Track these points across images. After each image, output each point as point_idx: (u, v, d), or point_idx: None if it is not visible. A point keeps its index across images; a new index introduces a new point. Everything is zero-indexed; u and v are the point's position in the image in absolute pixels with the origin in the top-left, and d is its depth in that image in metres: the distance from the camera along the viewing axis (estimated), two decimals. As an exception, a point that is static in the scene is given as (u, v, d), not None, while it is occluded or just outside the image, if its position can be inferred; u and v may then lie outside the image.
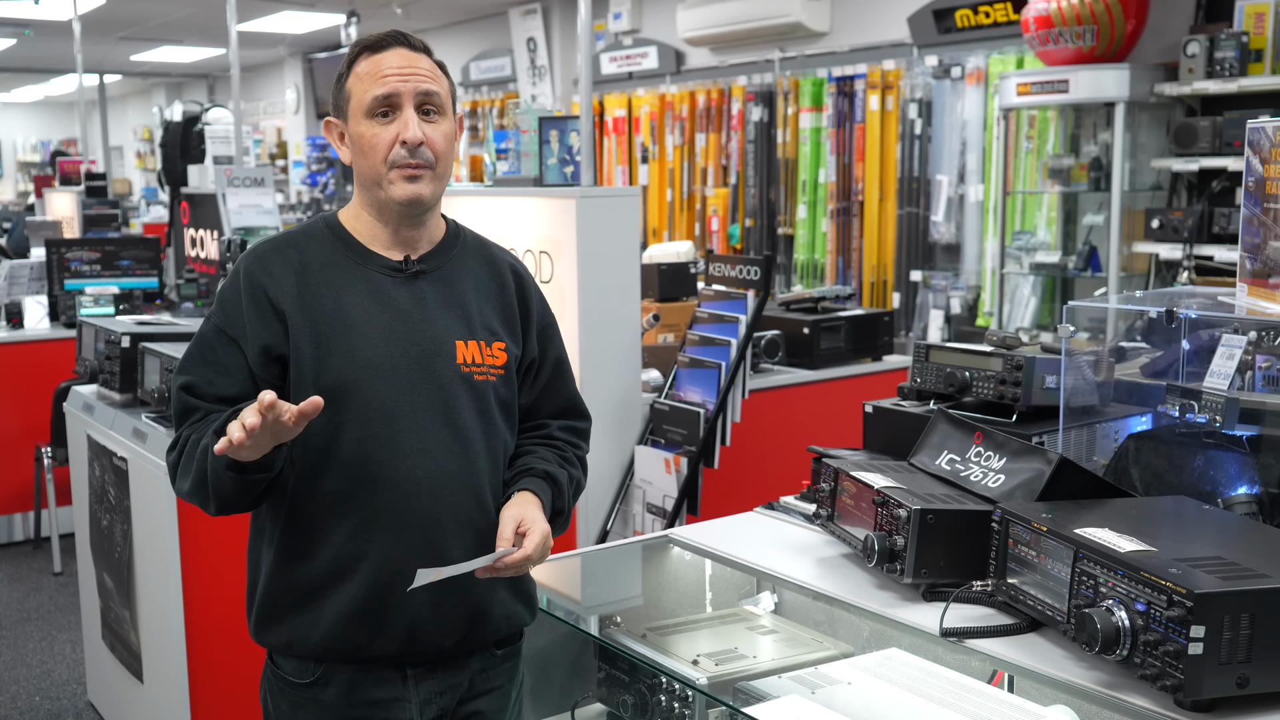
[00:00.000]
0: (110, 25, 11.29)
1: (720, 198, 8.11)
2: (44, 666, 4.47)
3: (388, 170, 1.89)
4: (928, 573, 1.92)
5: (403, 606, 1.87)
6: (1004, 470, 2.04)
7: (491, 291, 2.02)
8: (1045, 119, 5.84)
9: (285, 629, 1.92)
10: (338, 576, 1.88)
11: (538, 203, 3.82)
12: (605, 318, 3.73)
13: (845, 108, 7.15)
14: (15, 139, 21.70)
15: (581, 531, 3.74)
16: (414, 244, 1.97)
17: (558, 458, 2.04)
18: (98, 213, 8.54)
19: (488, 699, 2.00)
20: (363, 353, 1.88)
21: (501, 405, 1.98)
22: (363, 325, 1.90)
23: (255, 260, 1.95)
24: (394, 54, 1.93)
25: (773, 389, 4.01)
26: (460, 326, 1.95)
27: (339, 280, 1.93)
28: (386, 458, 1.87)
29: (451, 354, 1.93)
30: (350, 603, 1.87)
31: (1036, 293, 5.83)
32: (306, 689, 1.92)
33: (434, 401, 1.90)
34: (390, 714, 1.92)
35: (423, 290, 1.95)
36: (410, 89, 1.89)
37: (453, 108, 1.97)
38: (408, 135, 1.87)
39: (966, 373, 2.47)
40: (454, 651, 1.94)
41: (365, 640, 1.88)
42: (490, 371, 1.96)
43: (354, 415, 1.87)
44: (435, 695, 1.94)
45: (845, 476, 2.16)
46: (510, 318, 2.02)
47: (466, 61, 11.18)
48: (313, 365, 1.87)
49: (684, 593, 2.42)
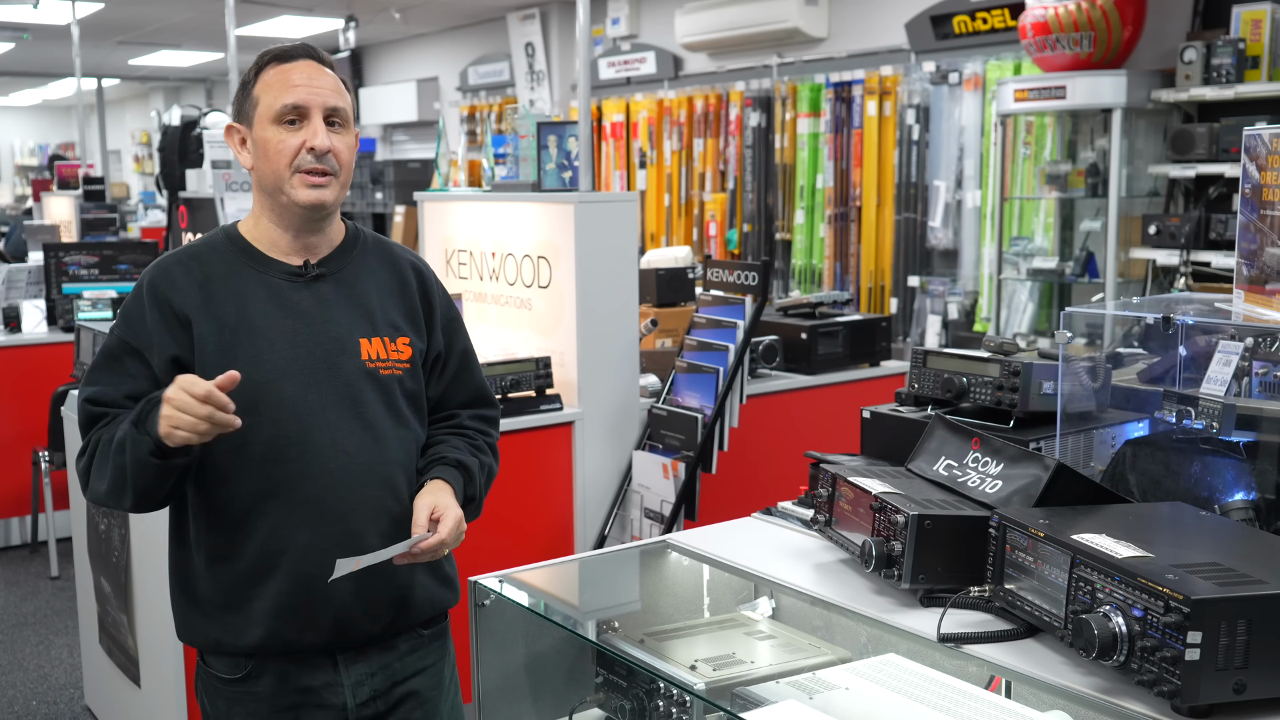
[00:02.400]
0: (108, 29, 11.29)
1: (718, 203, 8.11)
2: (41, 671, 4.46)
3: (291, 175, 1.97)
4: (925, 578, 1.92)
5: (328, 598, 1.95)
6: (1001, 476, 2.05)
7: (394, 289, 2.11)
8: (1043, 125, 5.85)
9: (214, 629, 1.99)
10: (262, 573, 1.96)
11: (536, 208, 3.82)
12: (603, 323, 3.74)
13: (843, 113, 7.16)
14: (13, 143, 21.69)
15: (579, 536, 3.74)
16: (314, 249, 2.06)
17: (469, 446, 2.13)
18: (95, 217, 8.55)
19: (421, 678, 2.11)
20: (268, 356, 1.97)
21: (409, 398, 2.07)
22: (267, 330, 1.98)
23: (159, 273, 2.02)
24: (304, 66, 2.01)
25: (770, 394, 4.01)
26: (363, 324, 2.04)
27: (241, 288, 2.00)
28: (300, 454, 1.95)
29: (356, 351, 2.02)
30: (277, 598, 1.95)
31: (1034, 298, 5.83)
32: (239, 684, 2.01)
33: (342, 397, 1.99)
34: (323, 699, 2.01)
35: (324, 292, 2.04)
36: (319, 101, 1.98)
37: (354, 120, 2.08)
38: (316, 142, 1.96)
39: (964, 379, 2.48)
40: (381, 635, 2.04)
41: (295, 634, 1.97)
42: (395, 366, 2.05)
43: (265, 417, 1.94)
44: (367, 677, 2.04)
45: (842, 482, 2.16)
46: (413, 313, 2.11)
47: (465, 66, 11.18)
48: (220, 371, 1.88)
49: (682, 598, 2.42)
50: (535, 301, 3.86)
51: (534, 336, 3.88)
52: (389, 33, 11.91)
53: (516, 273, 3.94)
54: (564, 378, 3.75)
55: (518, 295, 3.95)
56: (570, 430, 3.71)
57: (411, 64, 12.29)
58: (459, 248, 4.24)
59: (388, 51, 12.73)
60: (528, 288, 3.89)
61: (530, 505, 3.67)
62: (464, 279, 4.22)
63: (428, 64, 12.00)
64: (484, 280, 4.11)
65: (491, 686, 2.19)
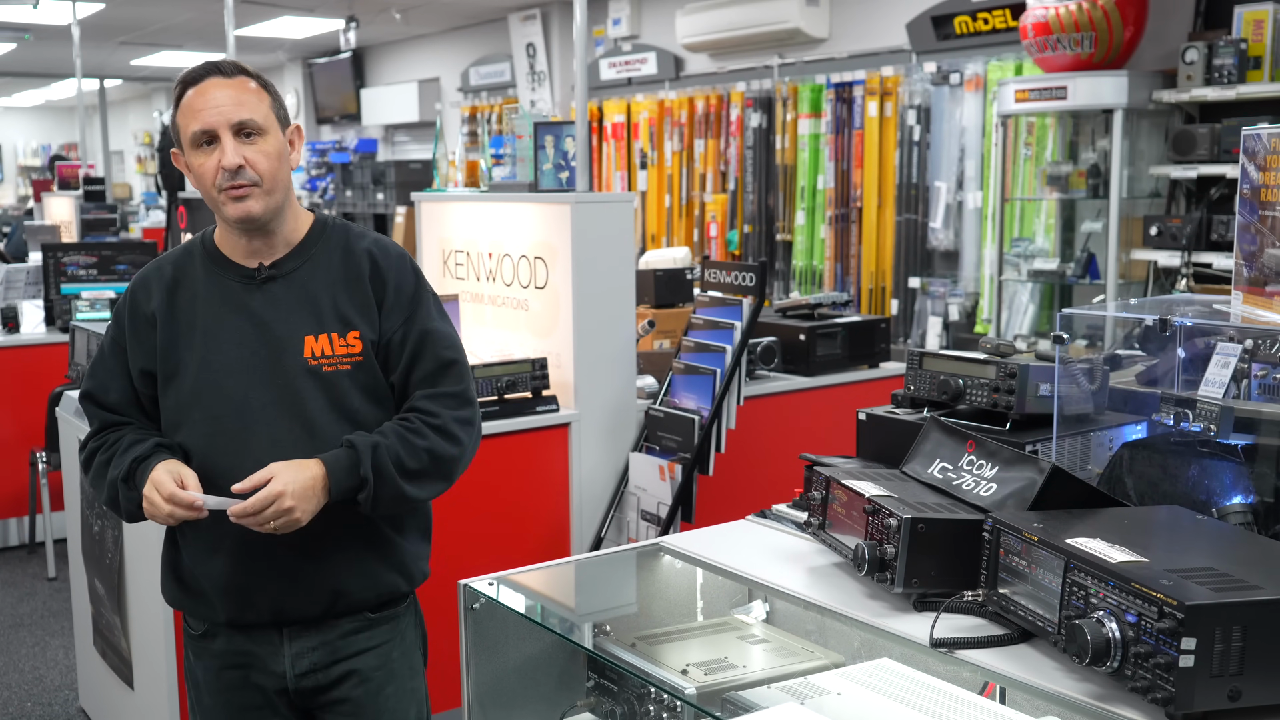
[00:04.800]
0: (110, 30, 11.28)
1: (719, 204, 8.09)
2: (36, 672, 4.45)
3: (218, 194, 2.07)
4: (918, 582, 1.90)
5: (264, 585, 2.13)
6: (996, 479, 2.02)
7: (346, 281, 2.17)
8: (1044, 126, 5.83)
9: (180, 594, 2.23)
10: (209, 555, 2.14)
11: (532, 208, 3.81)
12: (600, 324, 3.72)
13: (844, 114, 7.14)
14: (16, 143, 21.71)
15: (575, 538, 3.72)
16: (269, 250, 2.16)
17: (395, 426, 2.14)
18: (96, 217, 8.54)
19: (364, 658, 2.20)
20: (215, 355, 2.11)
21: (362, 390, 2.15)
22: (216, 330, 2.12)
23: (138, 281, 2.21)
24: (208, 86, 2.08)
25: (768, 396, 3.99)
26: (310, 322, 2.13)
27: (201, 291, 2.15)
28: (238, 448, 2.09)
29: (299, 350, 2.12)
30: (219, 579, 2.14)
31: (1035, 299, 5.81)
32: (200, 639, 2.23)
33: (282, 397, 2.11)
34: (265, 665, 2.17)
35: (275, 293, 2.14)
36: (222, 119, 2.05)
37: (280, 121, 2.13)
38: (224, 162, 2.04)
39: (960, 380, 2.46)
40: (322, 617, 2.17)
41: (237, 612, 2.15)
42: (341, 361, 2.13)
43: (209, 413, 2.11)
44: (307, 650, 2.17)
45: (836, 485, 2.14)
46: (365, 303, 2.17)
47: (466, 67, 11.17)
48: (173, 369, 2.13)
49: (675, 601, 2.40)
50: (532, 302, 3.85)
51: (531, 337, 3.86)
52: (390, 33, 11.90)
53: (513, 273, 3.92)
54: (560, 379, 3.73)
55: (514, 296, 3.93)
56: (567, 432, 3.69)
57: (413, 64, 12.28)
58: (456, 248, 4.23)
59: (389, 52, 12.73)
60: (524, 288, 3.88)
61: (526, 507, 3.65)
62: (461, 279, 4.20)
63: (429, 64, 11.99)
64: (481, 281, 4.09)
65: (482, 690, 2.18)
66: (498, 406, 3.58)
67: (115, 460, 2.12)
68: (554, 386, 3.72)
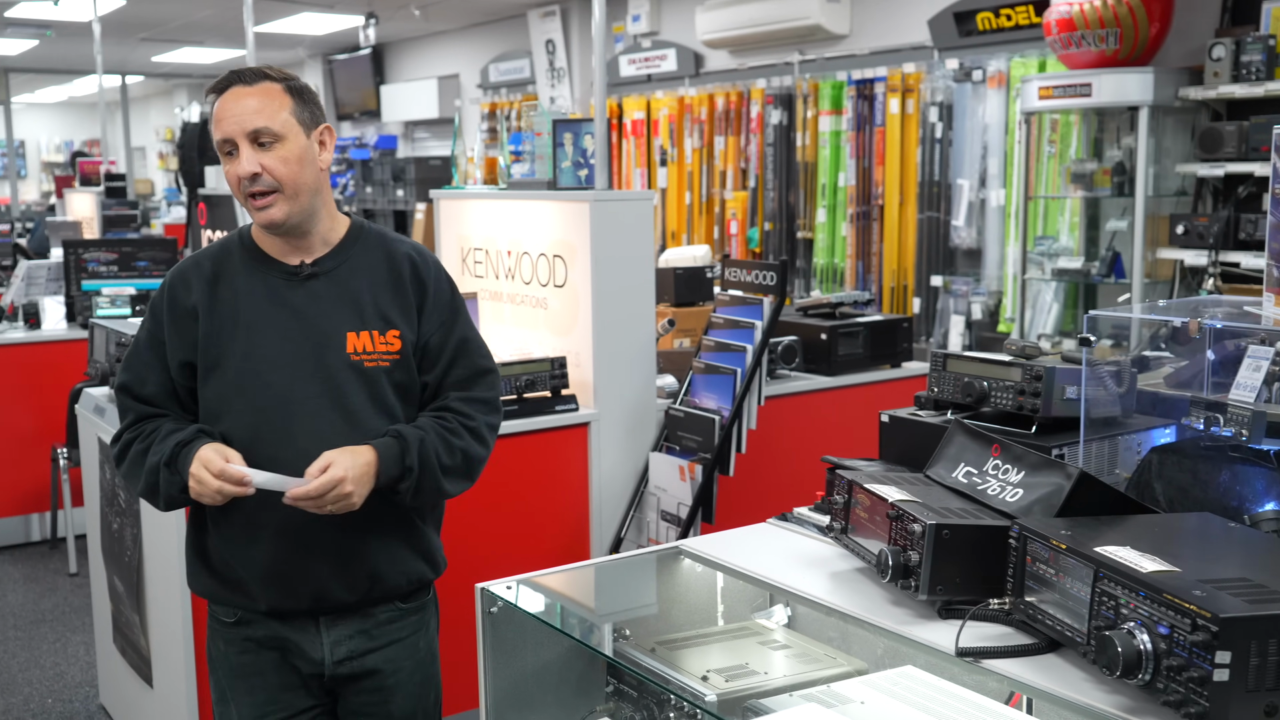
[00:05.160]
0: (131, 26, 11.32)
1: (739, 201, 8.06)
2: (57, 669, 4.46)
3: (245, 199, 2.14)
4: (943, 589, 1.87)
5: (306, 572, 2.17)
6: (1022, 484, 1.99)
7: (388, 282, 2.23)
8: (1068, 123, 5.77)
9: (212, 583, 2.24)
10: (250, 544, 2.17)
11: (551, 206, 3.79)
12: (619, 322, 3.70)
13: (865, 111, 7.10)
14: (39, 139, 21.81)
15: (595, 538, 3.70)
16: (308, 249, 2.22)
17: (433, 423, 2.21)
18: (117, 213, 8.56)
19: (395, 648, 2.27)
20: (259, 348, 2.16)
21: (397, 388, 2.21)
22: (260, 324, 2.17)
23: (176, 274, 2.25)
24: (230, 95, 2.14)
25: (789, 395, 3.96)
26: (352, 319, 2.19)
27: (243, 287, 2.20)
28: (281, 439, 2.14)
29: (342, 345, 2.17)
30: (261, 567, 2.17)
31: (1059, 299, 5.76)
32: (234, 627, 2.25)
33: (325, 389, 2.16)
34: (303, 652, 2.23)
35: (317, 290, 2.20)
36: (239, 129, 2.11)
37: (304, 124, 2.17)
38: (240, 171, 2.11)
39: (985, 382, 2.42)
40: (359, 605, 2.23)
41: (277, 600, 2.19)
42: (382, 358, 2.19)
43: (253, 404, 2.15)
44: (345, 638, 2.24)
45: (859, 488, 2.11)
46: (405, 304, 2.23)
47: (486, 63, 11.16)
48: (215, 361, 2.17)
49: (695, 605, 2.37)
50: (551, 301, 3.83)
51: (550, 336, 3.84)
52: (410, 30, 11.89)
53: (532, 271, 3.90)
54: (580, 378, 3.71)
55: (533, 294, 3.91)
56: (586, 431, 3.67)
57: (432, 61, 12.28)
58: (475, 246, 4.21)
59: (409, 48, 12.73)
60: (543, 287, 3.86)
61: (545, 507, 3.63)
62: (480, 278, 4.18)
63: (449, 61, 11.98)
64: (500, 279, 4.08)
65: (500, 694, 2.16)
66: (517, 406, 3.56)
67: (155, 447, 2.16)
68: (573, 385, 3.69)
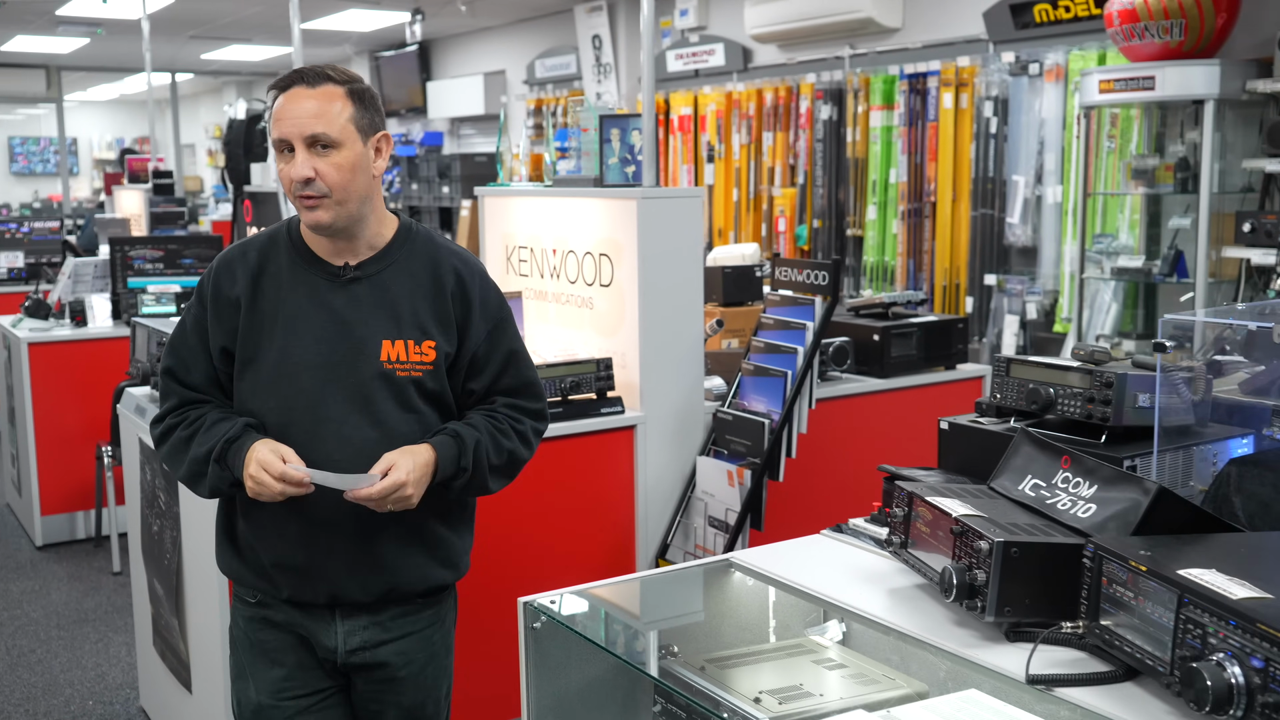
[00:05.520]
0: (179, 24, 11.37)
1: (787, 198, 7.94)
2: (99, 670, 4.43)
3: (295, 199, 2.15)
4: (1011, 611, 1.77)
5: (324, 571, 2.21)
6: (1095, 499, 1.88)
7: (429, 292, 2.24)
8: (1128, 117, 5.60)
9: (236, 565, 2.30)
10: (272, 535, 2.21)
11: (598, 203, 3.70)
12: (667, 322, 3.61)
13: (917, 106, 6.95)
14: (91, 137, 22.04)
15: (641, 545, 3.62)
16: (353, 251, 2.23)
17: (486, 422, 2.26)
18: (164, 210, 8.59)
19: (409, 640, 2.30)
20: (295, 347, 2.18)
21: (428, 397, 2.23)
22: (298, 324, 2.19)
23: (221, 264, 2.27)
24: (292, 95, 2.15)
25: (841, 398, 3.85)
26: (389, 327, 2.20)
27: (286, 283, 2.22)
28: (308, 440, 2.16)
29: (376, 353, 2.19)
30: (282, 558, 2.22)
31: (1118, 298, 5.59)
32: (254, 606, 2.31)
33: (355, 395, 2.18)
34: (317, 639, 2.27)
35: (358, 294, 2.21)
36: (297, 131, 2.12)
37: (362, 131, 2.17)
38: (293, 174, 2.12)
39: (1051, 389, 2.31)
40: (374, 604, 2.26)
41: (294, 591, 2.24)
42: (415, 368, 2.21)
43: (284, 403, 2.18)
44: (358, 629, 2.27)
45: (920, 501, 2.00)
46: (444, 316, 2.24)
47: (532, 59, 11.10)
48: (252, 354, 2.20)
49: (746, 621, 2.28)
50: (597, 300, 3.74)
51: (595, 337, 3.76)
52: (456, 25, 11.86)
53: (578, 270, 3.82)
54: (626, 380, 3.62)
55: (579, 294, 3.83)
56: (632, 434, 3.58)
57: (478, 57, 12.24)
58: (519, 244, 4.13)
59: (455, 45, 12.70)
60: (589, 286, 3.77)
61: (590, 512, 3.55)
62: (524, 276, 4.10)
63: (495, 57, 11.94)
64: (544, 278, 4.00)
65: (543, 710, 2.08)
66: (562, 408, 3.48)
67: (200, 436, 2.19)
68: (619, 388, 3.61)
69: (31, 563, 5.67)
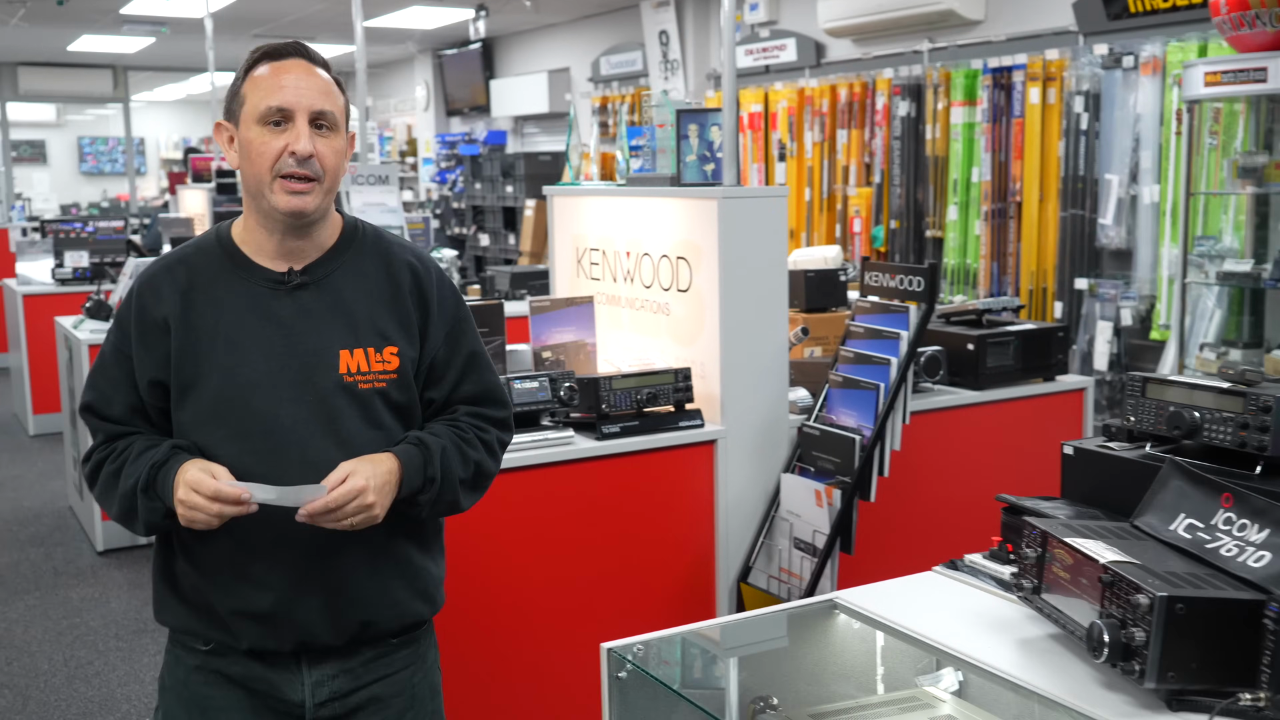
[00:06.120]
0: (243, 23, 11.33)
1: (863, 198, 7.67)
2: (157, 685, 4.29)
3: (272, 179, 1.90)
4: (1175, 676, 1.53)
5: (291, 615, 1.94)
6: (1268, 545, 1.63)
7: (385, 293, 2.02)
8: (1232, 112, 5.28)
9: (180, 618, 2.01)
10: (232, 580, 1.94)
11: (675, 204, 3.49)
12: (749, 330, 3.38)
13: (1001, 101, 6.66)
14: (158, 137, 22.24)
15: (721, 567, 3.40)
16: (301, 254, 1.99)
17: (450, 431, 2.04)
18: (227, 210, 8.50)
19: (384, 684, 2.05)
20: (242, 368, 1.93)
21: (395, 410, 2.01)
22: (242, 340, 1.94)
23: (144, 282, 2.01)
24: (293, 65, 1.95)
25: (934, 411, 3.61)
26: (345, 335, 1.97)
27: (222, 296, 1.96)
28: (268, 470, 1.90)
29: (334, 365, 1.96)
30: (243, 605, 1.94)
31: (1222, 305, 5.27)
32: (205, 654, 2.00)
33: (316, 414, 1.94)
34: (280, 693, 1.99)
35: (306, 301, 1.97)
36: (305, 103, 1.92)
37: (345, 126, 2.00)
38: (298, 147, 1.89)
39: (1196, 414, 2.05)
40: (345, 647, 2.01)
41: (258, 640, 1.96)
42: (378, 379, 1.98)
43: (234, 431, 1.92)
44: (327, 679, 2.01)
45: (1056, 543, 1.77)
46: (405, 318, 2.02)
47: (597, 56, 10.92)
48: (190, 380, 1.94)
49: (851, 667, 2.06)
50: (674, 306, 3.53)
51: (672, 345, 3.54)
52: (520, 22, 11.72)
53: (653, 274, 3.60)
54: (705, 391, 3.40)
55: (654, 299, 3.61)
56: (712, 450, 3.36)
57: (542, 54, 12.09)
58: (591, 246, 3.93)
59: (518, 42, 12.56)
60: (665, 291, 3.56)
61: (668, 531, 3.33)
62: (596, 279, 3.90)
63: (559, 54, 11.77)
64: (618, 282, 3.79)
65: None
66: (636, 421, 3.27)
67: (127, 469, 1.94)
68: (698, 399, 3.39)
69: (92, 568, 5.57)
